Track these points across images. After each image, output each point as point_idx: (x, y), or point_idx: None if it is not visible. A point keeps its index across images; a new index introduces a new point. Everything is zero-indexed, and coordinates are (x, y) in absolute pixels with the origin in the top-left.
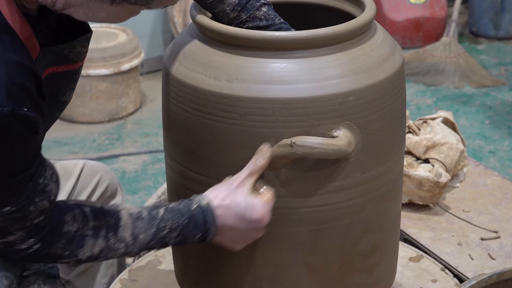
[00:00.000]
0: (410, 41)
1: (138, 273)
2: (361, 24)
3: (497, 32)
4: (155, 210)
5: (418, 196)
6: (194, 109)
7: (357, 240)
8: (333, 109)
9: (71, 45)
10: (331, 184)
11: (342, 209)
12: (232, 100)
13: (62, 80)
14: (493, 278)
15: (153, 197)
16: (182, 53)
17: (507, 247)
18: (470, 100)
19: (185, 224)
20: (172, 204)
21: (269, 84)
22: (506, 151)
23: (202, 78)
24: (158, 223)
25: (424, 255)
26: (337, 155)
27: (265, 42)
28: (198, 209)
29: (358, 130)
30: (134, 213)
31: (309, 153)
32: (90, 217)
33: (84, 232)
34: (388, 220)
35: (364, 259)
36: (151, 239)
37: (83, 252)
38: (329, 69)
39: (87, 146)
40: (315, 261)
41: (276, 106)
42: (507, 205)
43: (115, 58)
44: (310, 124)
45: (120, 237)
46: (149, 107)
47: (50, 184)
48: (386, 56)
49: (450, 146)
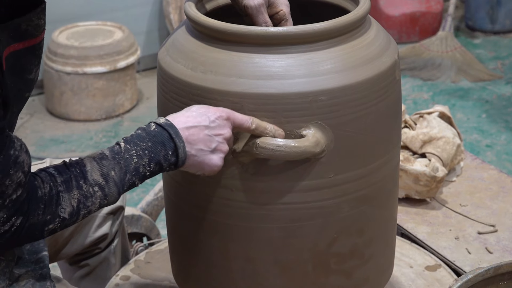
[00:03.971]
0: (407, 36)
1: (154, 256)
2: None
3: (493, 26)
4: (117, 145)
5: (415, 190)
6: (175, 100)
7: (331, 241)
8: (302, 107)
9: (27, 18)
10: (302, 183)
11: (314, 209)
12: (204, 92)
13: (25, 58)
14: (490, 272)
15: (150, 194)
16: (175, 48)
17: (504, 240)
18: (467, 94)
19: (150, 146)
20: (131, 134)
21: (240, 78)
22: (503, 145)
23: (182, 69)
24: (123, 156)
25: (442, 264)
26: (301, 156)
27: (246, 36)
28: (157, 128)
29: (330, 131)
30: (97, 156)
31: (272, 155)
32: (56, 174)
33: (57, 189)
34: (372, 224)
35: (340, 261)
36: (124, 173)
37: (62, 209)
38: (301, 67)
39: (84, 144)
40: (286, 259)
41: (244, 101)
42: (504, 198)
43: (111, 56)
44: (278, 121)
45: (91, 181)
46: (146, 104)
47: (22, 155)
48: (374, 56)
49: (446, 140)
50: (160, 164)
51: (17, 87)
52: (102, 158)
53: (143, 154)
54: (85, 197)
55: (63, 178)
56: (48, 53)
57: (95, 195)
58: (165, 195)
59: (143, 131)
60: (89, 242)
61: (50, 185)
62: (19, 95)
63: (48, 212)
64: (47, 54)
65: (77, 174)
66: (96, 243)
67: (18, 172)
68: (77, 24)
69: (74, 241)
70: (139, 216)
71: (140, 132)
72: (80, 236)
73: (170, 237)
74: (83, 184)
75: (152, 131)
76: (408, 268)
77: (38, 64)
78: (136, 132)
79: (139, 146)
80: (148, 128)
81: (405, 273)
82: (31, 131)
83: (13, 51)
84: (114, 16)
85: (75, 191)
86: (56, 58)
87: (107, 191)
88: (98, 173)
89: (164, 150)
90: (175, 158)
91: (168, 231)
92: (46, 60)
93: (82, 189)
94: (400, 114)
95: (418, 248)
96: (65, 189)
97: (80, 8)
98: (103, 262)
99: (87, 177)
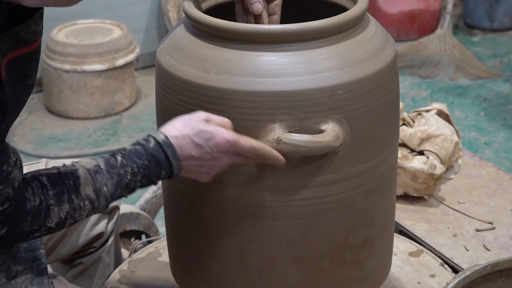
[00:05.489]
0: (405, 34)
1: (137, 264)
2: (351, 18)
3: (491, 24)
4: (112, 158)
5: (413, 188)
6: (183, 102)
7: (347, 234)
8: (321, 102)
9: (26, 26)
10: (320, 178)
11: (331, 203)
12: (220, 93)
13: (24, 64)
14: (487, 269)
15: (148, 192)
16: (173, 46)
17: (502, 238)
18: (465, 92)
19: (146, 164)
20: (129, 148)
21: (256, 77)
22: (501, 143)
23: (192, 71)
24: (118, 171)
25: (424, 250)
26: (323, 150)
27: (254, 35)
28: (156, 146)
29: (347, 124)
30: (92, 167)
31: (295, 151)
32: (49, 186)
33: (48, 203)
34: (380, 214)
35: (354, 253)
36: (115, 188)
37: (50, 221)
38: (317, 62)
39: (82, 142)
40: (304, 255)
41: (262, 99)
42: (501, 196)
43: (110, 54)
44: (297, 118)
45: (83, 196)
46: (145, 102)
47: (14, 171)
48: (377, 50)
49: (444, 137)
50: (151, 180)
51: (16, 92)
52: (96, 171)
53: (138, 171)
54: (74, 210)
55: (56, 191)
56: (46, 51)
57: (84, 208)
58: (164, 192)
59: (141, 147)
60: (85, 240)
61: (41, 198)
62: (18, 101)
63: (35, 224)
64: (45, 52)
65: (70, 187)
66: (91, 241)
67: (8, 188)
68: (75, 22)
69: (69, 239)
70: (137, 214)
71: (139, 148)
72: (75, 235)
73: (169, 234)
74: (74, 198)
75: (151, 148)
76: (393, 256)
77: (37, 69)
78: (135, 147)
79: (135, 163)
80: (147, 144)
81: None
82: (29, 129)
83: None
84: (113, 14)
85: (66, 205)
86: (54, 56)
87: (96, 205)
88: (91, 188)
89: (158, 169)
90: (168, 176)
91: (167, 229)
92: (45, 58)
93: (73, 202)
94: (399, 107)
95: (397, 236)
96: (56, 202)
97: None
98: (97, 261)
99: (80, 191)
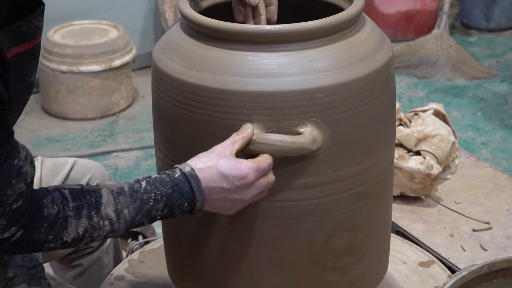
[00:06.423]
0: (402, 34)
1: (148, 255)
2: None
3: (488, 24)
4: (137, 183)
5: (409, 188)
6: (170, 98)
7: (328, 238)
8: (299, 105)
9: (28, 21)
10: (299, 180)
11: (311, 206)
12: (199, 90)
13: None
14: (484, 269)
15: None
16: (168, 45)
17: (499, 238)
18: (462, 92)
19: (170, 193)
20: (155, 176)
21: (237, 76)
22: (498, 143)
23: (177, 67)
24: (141, 196)
25: (435, 260)
26: (298, 152)
27: (242, 34)
28: (181, 176)
29: (327, 128)
30: (115, 189)
31: (269, 150)
32: (70, 198)
33: (66, 214)
34: (367, 220)
35: (336, 258)
36: (136, 213)
37: (67, 234)
38: (300, 64)
39: (79, 143)
40: (283, 256)
41: (240, 99)
42: (498, 196)
43: (107, 54)
44: (275, 119)
45: (103, 215)
46: (141, 103)
47: (25, 166)
48: (368, 53)
49: (441, 138)
50: (173, 211)
51: (18, 90)
52: (120, 193)
53: (160, 199)
54: (93, 228)
55: (76, 204)
56: (43, 52)
57: (104, 229)
58: None
59: (167, 176)
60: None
61: (59, 208)
62: (20, 99)
63: (51, 232)
64: (42, 53)
65: (91, 204)
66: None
67: (21, 182)
68: (72, 23)
69: None
70: None
71: (164, 177)
72: None
73: (165, 235)
74: (94, 215)
75: (176, 178)
76: (402, 265)
77: (37, 66)
78: (161, 176)
79: (159, 190)
80: (172, 174)
81: (399, 269)
82: (26, 130)
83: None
84: (110, 14)
85: (85, 220)
86: (51, 57)
87: (115, 227)
88: (112, 208)
89: (181, 200)
90: (190, 209)
91: (163, 230)
92: (42, 59)
93: (92, 219)
94: (394, 112)
95: (411, 245)
96: (75, 215)
97: (76, 7)
98: (96, 262)
99: (100, 209)
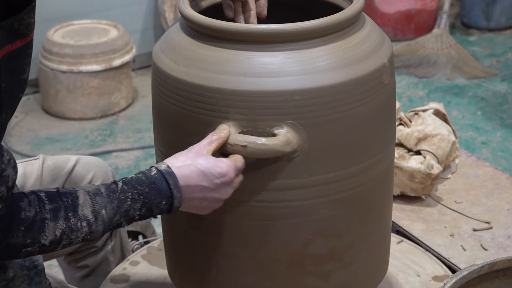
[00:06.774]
0: (402, 33)
1: (148, 255)
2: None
3: (488, 23)
4: (114, 184)
5: (410, 188)
6: (170, 97)
7: (306, 242)
8: (276, 106)
9: (19, 18)
10: (274, 182)
11: (290, 208)
12: (182, 85)
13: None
14: (484, 269)
15: None
16: (167, 44)
17: (499, 237)
18: (462, 92)
19: (147, 192)
20: (131, 176)
21: (216, 73)
22: (498, 142)
23: (178, 67)
24: (118, 196)
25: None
26: (270, 154)
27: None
28: (157, 174)
29: (305, 131)
30: (92, 190)
31: (240, 151)
32: (46, 200)
33: (43, 216)
34: (351, 228)
35: (316, 263)
36: (114, 213)
37: (45, 237)
38: (282, 65)
39: (79, 143)
40: (261, 256)
41: (219, 96)
42: (499, 195)
43: (107, 54)
44: (251, 119)
45: (80, 216)
46: (141, 102)
47: (8, 169)
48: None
49: (441, 137)
50: (151, 210)
51: (10, 88)
52: (96, 194)
53: (138, 198)
54: (71, 230)
55: (52, 206)
56: (43, 51)
57: (81, 230)
58: None
59: (143, 175)
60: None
61: (36, 210)
62: (13, 96)
63: (28, 236)
64: (42, 52)
65: (67, 205)
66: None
67: (1, 186)
68: (72, 23)
69: None
70: None
71: (140, 176)
72: None
73: (165, 235)
74: (71, 216)
75: (152, 176)
76: (415, 277)
77: (30, 63)
78: (137, 175)
79: (136, 189)
80: (148, 172)
81: (411, 281)
82: (26, 129)
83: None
84: (109, 14)
85: (62, 222)
86: (51, 56)
87: (93, 228)
88: (90, 209)
89: (159, 198)
90: (169, 207)
91: (163, 229)
92: (41, 58)
93: (69, 221)
94: (393, 116)
95: (431, 257)
96: (52, 217)
97: (75, 7)
98: (103, 261)
99: (78, 210)
